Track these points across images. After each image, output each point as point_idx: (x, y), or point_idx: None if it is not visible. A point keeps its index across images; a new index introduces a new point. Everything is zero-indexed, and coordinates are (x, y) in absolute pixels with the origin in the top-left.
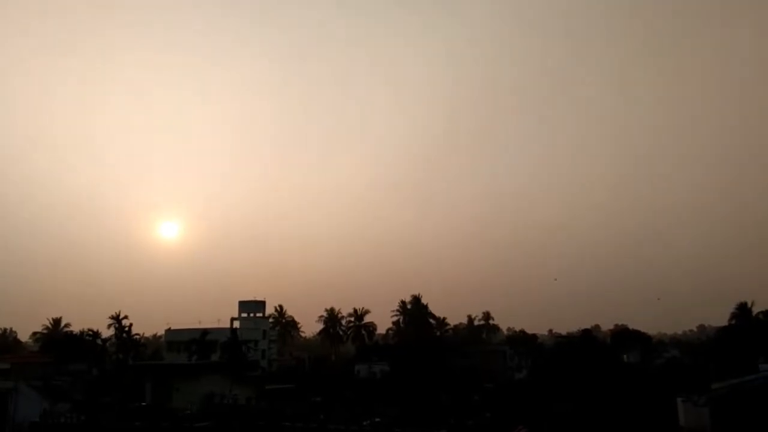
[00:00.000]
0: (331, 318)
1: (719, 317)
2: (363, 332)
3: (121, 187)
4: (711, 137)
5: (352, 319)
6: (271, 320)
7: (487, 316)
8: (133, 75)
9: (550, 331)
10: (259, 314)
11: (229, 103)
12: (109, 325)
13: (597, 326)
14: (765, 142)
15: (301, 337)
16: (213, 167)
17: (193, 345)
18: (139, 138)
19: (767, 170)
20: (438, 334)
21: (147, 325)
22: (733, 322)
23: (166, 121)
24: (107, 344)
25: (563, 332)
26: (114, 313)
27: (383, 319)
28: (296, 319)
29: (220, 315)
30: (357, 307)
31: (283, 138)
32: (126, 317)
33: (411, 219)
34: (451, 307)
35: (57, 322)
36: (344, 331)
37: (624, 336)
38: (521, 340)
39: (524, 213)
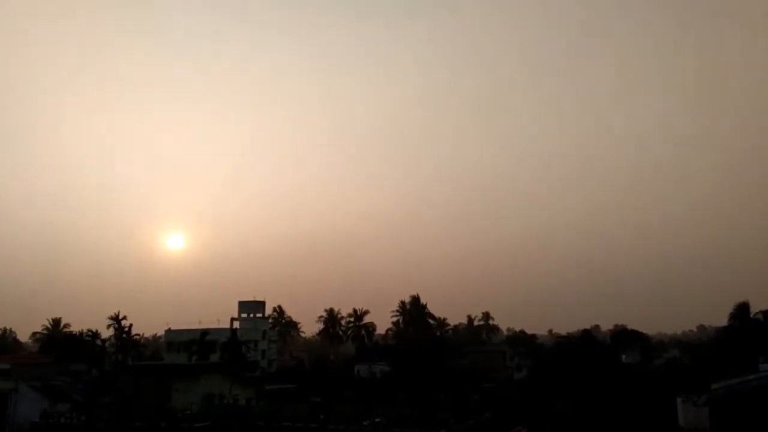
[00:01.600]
0: (331, 318)
1: (719, 317)
2: (363, 332)
3: (123, 189)
4: (711, 137)
5: (352, 319)
6: (270, 320)
7: (486, 316)
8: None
9: (550, 331)
10: (259, 314)
11: (234, 110)
12: (109, 326)
13: (597, 326)
14: (765, 142)
15: (300, 337)
16: (214, 169)
17: (193, 345)
18: (141, 140)
19: (767, 170)
20: (438, 334)
21: (146, 325)
22: (733, 322)
23: (170, 126)
24: (107, 344)
25: (563, 332)
26: (113, 314)
27: (383, 320)
28: (296, 319)
29: (220, 315)
30: (357, 308)
31: (283, 140)
32: (125, 318)
33: (410, 219)
34: (451, 308)
35: (57, 322)
36: (344, 331)
37: (624, 336)
38: (521, 340)
39: (525, 213)
